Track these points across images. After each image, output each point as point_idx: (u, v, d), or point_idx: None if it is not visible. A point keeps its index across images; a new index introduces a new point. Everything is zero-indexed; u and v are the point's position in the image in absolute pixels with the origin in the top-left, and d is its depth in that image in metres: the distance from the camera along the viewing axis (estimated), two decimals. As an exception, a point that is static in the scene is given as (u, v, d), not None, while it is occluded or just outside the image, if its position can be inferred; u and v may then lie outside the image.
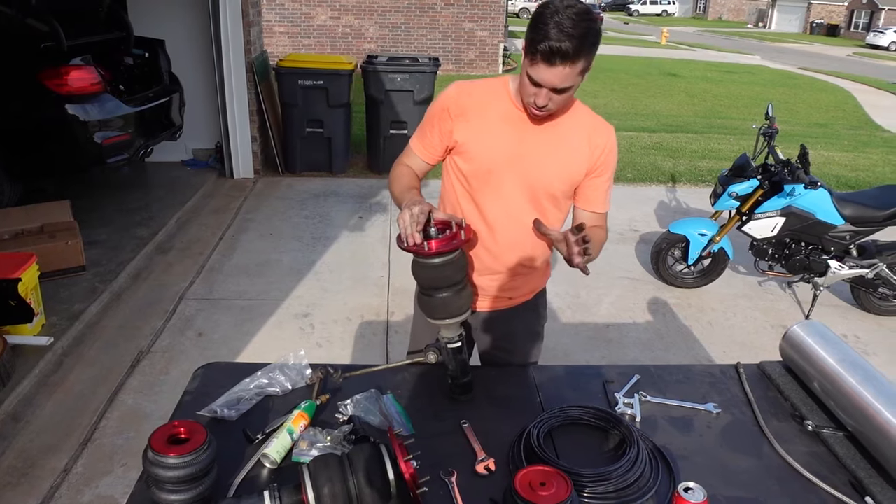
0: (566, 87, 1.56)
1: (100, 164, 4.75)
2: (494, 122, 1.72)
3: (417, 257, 1.55)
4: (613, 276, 4.71)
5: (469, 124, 1.73)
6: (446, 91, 1.79)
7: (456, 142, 1.75)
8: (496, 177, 1.74)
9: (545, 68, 1.52)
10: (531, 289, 1.98)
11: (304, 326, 3.87)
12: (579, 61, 1.51)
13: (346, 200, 5.99)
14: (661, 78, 16.16)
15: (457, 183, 1.83)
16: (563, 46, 1.47)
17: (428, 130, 1.81)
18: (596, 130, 1.77)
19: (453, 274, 1.57)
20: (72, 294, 3.87)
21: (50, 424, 2.92)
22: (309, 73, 6.19)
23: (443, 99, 1.78)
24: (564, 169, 1.75)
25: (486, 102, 1.74)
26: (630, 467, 1.35)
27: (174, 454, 1.21)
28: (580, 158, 1.75)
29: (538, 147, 1.72)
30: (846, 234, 4.07)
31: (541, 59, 1.51)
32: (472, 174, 1.77)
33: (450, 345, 1.61)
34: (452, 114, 1.74)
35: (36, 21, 4.43)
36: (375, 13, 13.93)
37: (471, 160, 1.75)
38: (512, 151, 1.72)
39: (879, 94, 15.91)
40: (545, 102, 1.58)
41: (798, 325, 1.79)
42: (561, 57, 1.48)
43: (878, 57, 29.91)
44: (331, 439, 1.42)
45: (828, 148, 9.06)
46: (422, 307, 1.62)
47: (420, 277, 1.58)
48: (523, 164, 1.73)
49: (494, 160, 1.73)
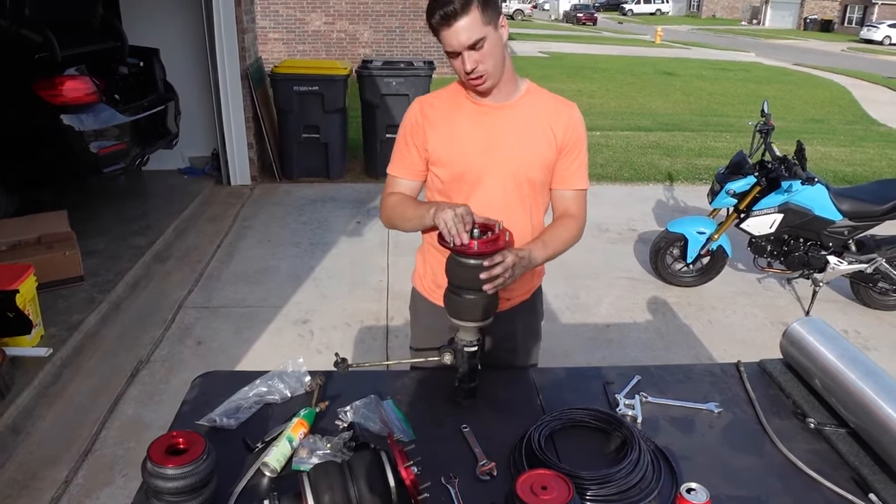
0: (477, 39, 1.59)
1: (96, 173, 4.75)
2: (459, 123, 1.77)
3: (458, 256, 1.53)
4: (612, 276, 4.71)
5: (437, 132, 1.77)
6: (410, 109, 1.84)
7: (431, 152, 1.78)
8: (473, 175, 1.76)
9: (447, 33, 1.58)
10: (528, 288, 1.98)
11: (303, 333, 3.86)
12: (471, 10, 1.56)
13: (343, 206, 5.99)
14: (657, 77, 16.19)
15: (438, 196, 1.84)
16: (449, 7, 1.55)
17: (404, 151, 1.83)
18: (557, 110, 1.79)
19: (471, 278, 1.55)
20: (70, 305, 3.86)
21: (50, 436, 2.91)
22: (304, 78, 6.19)
23: (409, 116, 1.83)
24: (535, 152, 1.76)
25: (448, 108, 1.79)
26: (632, 469, 1.34)
27: (173, 465, 1.20)
28: (548, 139, 1.76)
29: (506, 137, 1.75)
30: (844, 229, 4.07)
31: (440, 27, 1.59)
32: (451, 179, 1.78)
33: (467, 348, 1.60)
34: (423, 125, 1.79)
35: (30, 32, 4.44)
36: (369, 18, 13.94)
37: (446, 165, 1.78)
38: (482, 146, 1.75)
39: (875, 89, 15.94)
40: (473, 65, 1.62)
41: (798, 322, 1.78)
42: (452, 15, 1.56)
43: (873, 51, 29.97)
44: (331, 446, 1.41)
45: (824, 143, 9.07)
46: (448, 305, 1.61)
47: (456, 276, 1.56)
48: (496, 156, 1.74)
49: (468, 159, 1.75)
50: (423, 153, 1.80)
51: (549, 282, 2.05)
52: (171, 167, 6.53)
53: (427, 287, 1.97)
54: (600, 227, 5.60)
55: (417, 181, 1.86)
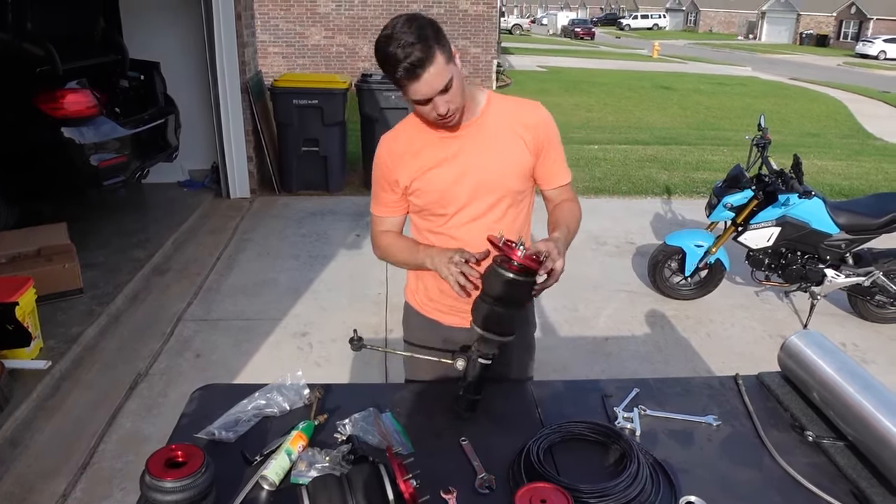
0: (447, 82, 1.57)
1: (96, 186, 4.76)
2: (427, 154, 1.74)
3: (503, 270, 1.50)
4: (611, 290, 4.71)
5: (406, 166, 1.76)
6: (377, 152, 1.83)
7: (405, 187, 1.78)
8: (451, 198, 1.75)
9: (417, 84, 1.54)
10: None
11: (302, 346, 3.86)
12: (434, 56, 1.52)
13: (342, 218, 6.00)
14: (654, 91, 16.27)
15: (417, 218, 1.85)
16: (412, 58, 1.50)
17: (381, 193, 1.85)
18: (522, 114, 1.78)
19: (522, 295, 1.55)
20: (69, 317, 3.85)
21: (48, 449, 2.90)
22: (304, 92, 6.22)
23: (378, 158, 1.82)
24: (510, 163, 1.76)
25: (411, 139, 1.77)
26: (631, 482, 1.35)
27: (171, 478, 1.20)
28: (520, 146, 1.76)
29: (476, 156, 1.73)
30: (842, 242, 4.08)
31: (407, 80, 1.53)
32: (430, 206, 1.78)
33: (481, 360, 1.59)
34: (391, 165, 1.78)
35: (31, 45, 4.46)
36: (369, 32, 14.02)
37: (422, 194, 1.77)
38: (455, 173, 1.73)
39: (870, 103, 16.02)
40: (445, 108, 1.59)
41: (796, 335, 1.79)
42: (419, 65, 1.51)
43: (868, 66, 30.16)
44: (329, 459, 1.41)
45: (821, 157, 9.11)
46: (475, 313, 1.58)
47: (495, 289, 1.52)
48: (471, 178, 1.73)
49: (445, 188, 1.74)
50: (398, 189, 1.80)
51: (548, 294, 2.05)
52: (171, 180, 6.55)
53: (419, 301, 1.97)
54: (598, 241, 5.61)
55: (400, 216, 1.88)
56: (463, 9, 13.99)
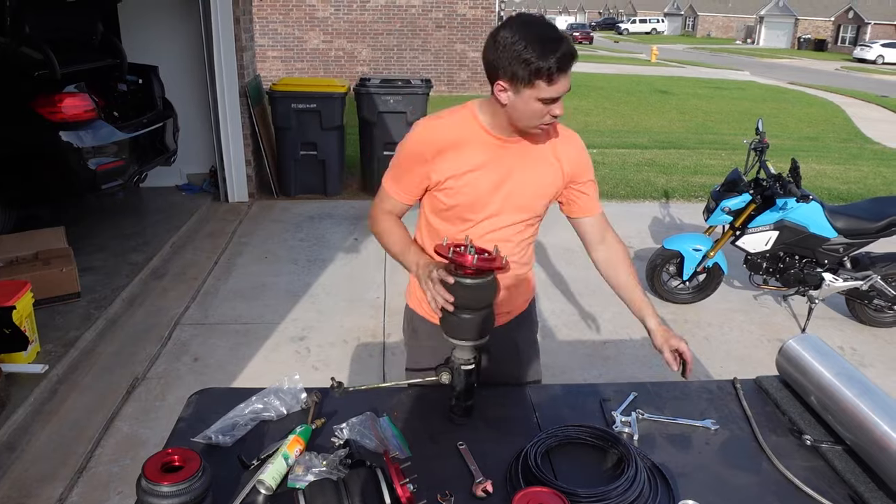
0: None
1: (94, 190, 4.76)
2: (471, 152, 1.70)
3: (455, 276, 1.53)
4: (609, 293, 4.66)
5: (446, 162, 1.69)
6: (415, 133, 1.74)
7: (436, 181, 1.72)
8: (481, 205, 1.74)
9: (561, 78, 1.53)
10: (525, 299, 2.00)
11: (299, 349, 3.86)
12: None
13: (340, 222, 6.00)
14: (652, 95, 16.30)
15: (434, 218, 1.81)
16: (567, 49, 1.50)
17: (403, 174, 1.77)
18: (563, 141, 1.79)
19: (486, 297, 1.57)
20: (67, 321, 3.85)
21: (45, 453, 2.89)
22: (302, 96, 6.23)
23: (414, 142, 1.73)
24: (542, 185, 1.77)
25: (457, 134, 1.70)
26: (629, 486, 1.34)
27: (168, 482, 1.20)
28: (554, 171, 1.77)
29: (517, 168, 1.73)
30: (839, 246, 4.08)
31: (556, 71, 1.51)
32: (458, 208, 1.75)
33: (464, 366, 1.60)
34: (427, 156, 1.70)
35: (29, 49, 4.46)
36: (368, 36, 14.06)
37: (456, 194, 1.72)
38: (494, 181, 1.71)
39: (868, 107, 16.07)
40: (562, 110, 1.60)
41: (794, 339, 1.79)
42: (572, 57, 1.52)
43: (866, 70, 30.27)
44: (327, 464, 1.40)
45: (819, 161, 9.12)
46: (444, 325, 1.60)
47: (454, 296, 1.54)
48: (506, 189, 1.73)
49: (478, 191, 1.72)
50: (424, 182, 1.73)
51: (547, 298, 2.07)
52: (169, 184, 6.55)
53: (427, 310, 1.92)
54: (597, 244, 5.60)
55: (410, 204, 1.83)
56: (461, 13, 14.03)
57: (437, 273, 1.55)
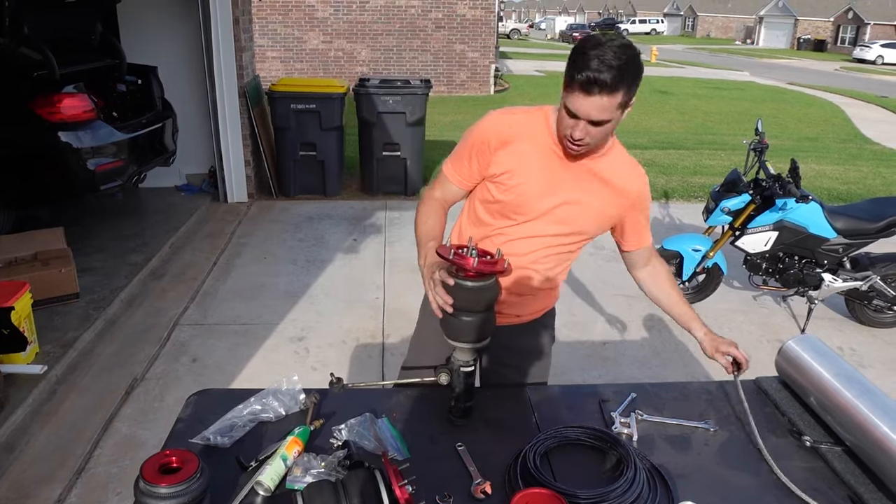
0: (603, 119, 1.54)
1: (93, 191, 4.75)
2: (533, 155, 1.71)
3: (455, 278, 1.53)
4: (608, 294, 4.71)
5: (508, 156, 1.71)
6: (486, 121, 1.76)
7: (493, 173, 1.74)
8: (528, 209, 1.74)
9: (582, 98, 1.50)
10: (539, 308, 1.98)
11: (298, 350, 3.85)
12: (618, 93, 1.49)
13: (340, 223, 6.00)
14: (652, 95, 16.29)
15: (480, 207, 1.82)
16: (601, 76, 1.46)
17: (465, 159, 1.80)
18: (631, 175, 1.78)
19: (486, 299, 1.56)
20: (65, 322, 3.84)
21: (43, 454, 2.89)
22: (301, 96, 6.22)
23: (482, 130, 1.75)
24: (596, 209, 1.76)
25: (525, 134, 1.72)
26: (628, 487, 1.34)
27: (166, 484, 1.19)
28: (614, 203, 1.76)
29: (573, 185, 1.72)
30: (839, 246, 4.08)
31: (578, 88, 1.50)
32: (505, 204, 1.75)
33: (463, 368, 1.60)
34: (492, 146, 1.72)
35: (28, 50, 4.46)
36: (367, 37, 14.06)
37: (506, 191, 1.73)
38: (548, 189, 1.71)
39: (868, 108, 16.08)
40: (582, 136, 1.57)
41: (793, 340, 1.79)
42: (599, 86, 1.47)
43: (865, 71, 30.28)
44: (325, 465, 1.40)
45: (818, 161, 9.13)
46: (443, 327, 1.60)
47: (454, 298, 1.55)
48: (556, 201, 1.72)
49: (529, 194, 1.72)
50: (483, 172, 1.77)
51: (545, 299, 2.05)
52: (168, 184, 6.54)
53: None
54: (596, 245, 5.58)
55: (463, 190, 1.85)
56: (461, 13, 14.03)
57: (439, 274, 1.55)
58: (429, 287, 1.57)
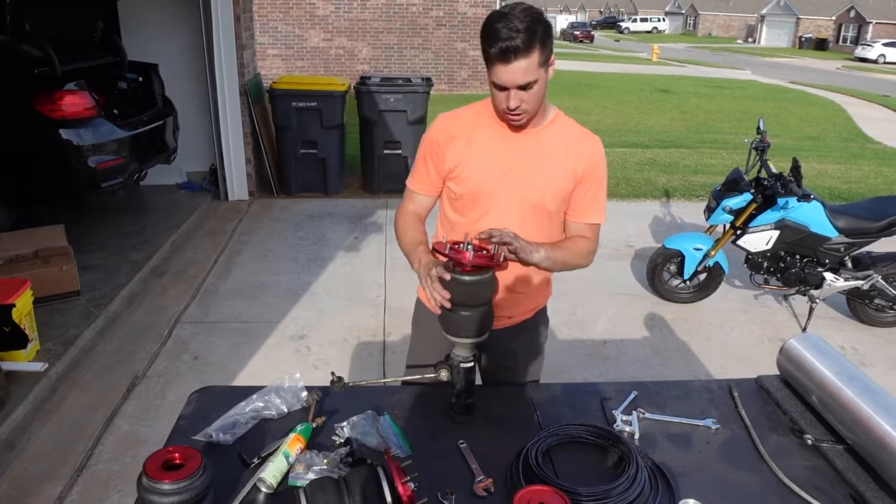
0: (529, 81, 1.58)
1: (94, 188, 4.75)
2: (482, 142, 1.76)
3: (452, 272, 1.54)
4: (609, 293, 4.71)
5: (458, 148, 1.77)
6: (432, 124, 1.84)
7: (448, 169, 1.79)
8: (488, 196, 1.77)
9: (503, 67, 1.56)
10: (531, 307, 1.98)
11: (300, 348, 3.85)
12: (533, 52, 1.54)
13: (341, 221, 6.00)
14: (653, 94, 16.29)
15: (449, 208, 1.86)
16: (513, 42, 1.51)
17: (423, 167, 1.86)
18: (580, 142, 1.79)
19: (483, 294, 1.57)
20: (66, 319, 3.85)
21: (45, 451, 2.89)
22: (302, 94, 6.22)
23: (430, 133, 1.83)
24: (552, 182, 1.77)
25: (471, 125, 1.79)
26: (629, 485, 1.34)
27: (169, 480, 1.19)
28: (566, 170, 1.77)
29: (526, 162, 1.75)
30: (840, 246, 4.08)
31: (497, 60, 1.56)
32: (466, 196, 1.79)
33: (463, 364, 1.60)
34: (441, 143, 1.79)
35: (30, 47, 4.46)
36: (368, 35, 14.04)
37: (463, 182, 1.78)
38: (501, 169, 1.75)
39: (869, 107, 16.06)
40: (517, 104, 1.62)
41: (795, 339, 1.78)
42: (514, 52, 1.53)
43: (867, 70, 30.25)
44: (327, 462, 1.40)
45: (820, 161, 9.12)
46: (442, 323, 1.61)
47: (451, 292, 1.55)
48: (513, 180, 1.75)
49: (486, 180, 1.76)
50: (441, 171, 1.82)
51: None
52: (169, 182, 6.54)
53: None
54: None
55: (432, 197, 1.90)
56: (462, 11, 14.01)
57: (436, 270, 1.55)
58: (425, 284, 1.59)
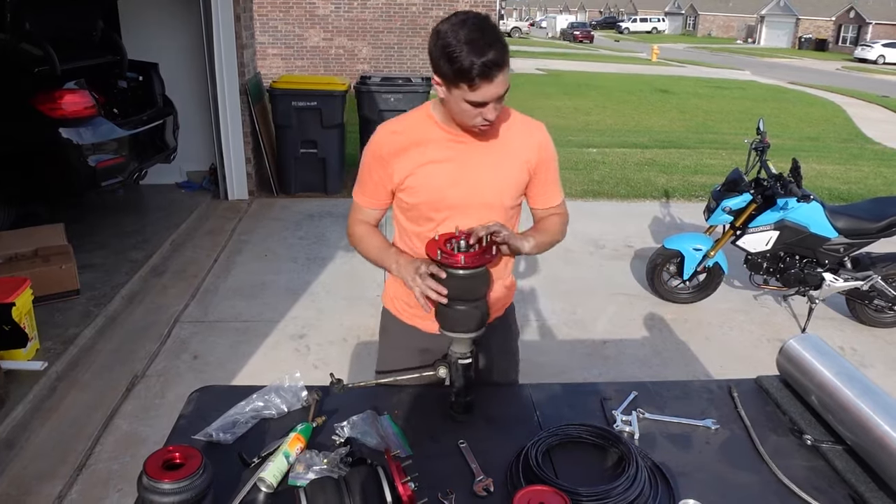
0: (506, 89, 1.56)
1: (94, 187, 4.76)
2: (430, 152, 1.70)
3: (446, 268, 1.54)
4: (609, 293, 4.71)
5: (406, 161, 1.70)
6: (374, 137, 1.76)
7: (397, 182, 1.73)
8: (445, 203, 1.72)
9: (487, 84, 1.50)
10: (501, 305, 1.94)
11: (299, 348, 3.85)
12: (506, 59, 1.51)
13: (340, 221, 5.99)
14: (653, 94, 16.29)
15: (404, 219, 1.80)
16: (491, 57, 1.47)
17: (368, 181, 1.79)
18: (528, 132, 1.77)
19: (479, 287, 1.57)
20: (66, 318, 3.85)
21: (44, 450, 2.89)
22: (302, 94, 6.22)
23: (373, 147, 1.75)
24: (508, 180, 1.75)
25: (416, 135, 1.71)
26: (629, 485, 1.34)
27: (169, 479, 1.19)
28: (520, 164, 1.75)
29: (479, 164, 1.71)
30: (840, 246, 4.08)
31: (480, 80, 1.49)
32: (421, 206, 1.74)
33: (461, 360, 1.60)
34: (386, 156, 1.72)
35: (30, 46, 4.46)
36: (368, 34, 14.04)
37: (416, 194, 1.72)
38: (454, 176, 1.70)
39: (869, 107, 16.06)
40: (494, 115, 1.59)
41: (794, 339, 1.79)
42: (497, 66, 1.49)
43: (867, 70, 30.26)
44: (327, 462, 1.40)
45: (819, 161, 9.13)
46: (440, 318, 1.60)
47: (447, 288, 1.55)
48: (468, 186, 1.71)
49: (439, 188, 1.70)
50: (388, 184, 1.74)
51: (546, 298, 2.06)
52: (169, 181, 6.54)
53: (398, 307, 1.92)
54: (597, 244, 5.61)
55: (380, 210, 1.83)
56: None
57: (428, 268, 1.54)
58: (414, 284, 1.57)
